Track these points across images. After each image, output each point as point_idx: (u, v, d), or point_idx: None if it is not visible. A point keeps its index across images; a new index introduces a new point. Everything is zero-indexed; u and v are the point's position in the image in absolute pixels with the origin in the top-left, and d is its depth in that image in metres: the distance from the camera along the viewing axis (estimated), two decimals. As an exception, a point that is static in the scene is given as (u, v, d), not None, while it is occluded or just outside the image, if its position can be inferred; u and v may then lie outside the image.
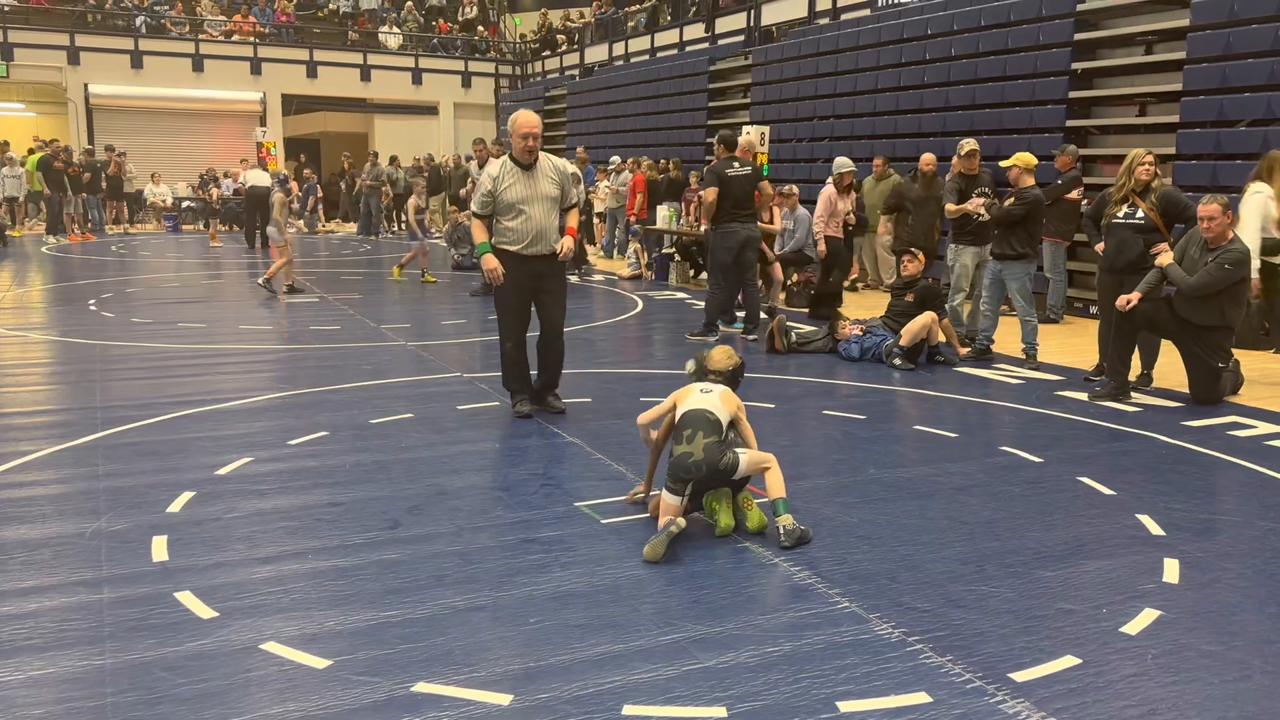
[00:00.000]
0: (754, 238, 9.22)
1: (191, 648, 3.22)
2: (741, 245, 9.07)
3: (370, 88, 29.44)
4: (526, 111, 6.14)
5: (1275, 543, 4.27)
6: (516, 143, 6.05)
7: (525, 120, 6.04)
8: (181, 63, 27.00)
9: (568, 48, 28.75)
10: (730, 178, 9.01)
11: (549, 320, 6.31)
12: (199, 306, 11.22)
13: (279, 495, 4.71)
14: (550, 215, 6.15)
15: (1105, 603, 3.65)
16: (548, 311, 6.30)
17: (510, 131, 6.09)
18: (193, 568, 3.85)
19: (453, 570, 3.84)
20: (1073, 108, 11.79)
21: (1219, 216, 6.58)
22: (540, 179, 6.10)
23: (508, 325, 6.28)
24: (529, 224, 6.06)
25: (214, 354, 8.37)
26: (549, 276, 6.23)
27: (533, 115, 6.13)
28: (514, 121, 6.07)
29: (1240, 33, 10.00)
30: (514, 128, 6.05)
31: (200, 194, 24.91)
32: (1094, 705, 2.93)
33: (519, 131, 6.02)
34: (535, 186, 6.08)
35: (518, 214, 6.05)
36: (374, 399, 6.71)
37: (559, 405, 6.39)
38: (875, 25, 15.24)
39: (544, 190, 6.10)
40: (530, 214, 6.05)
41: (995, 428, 6.26)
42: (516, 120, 6.06)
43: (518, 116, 6.06)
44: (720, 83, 19.24)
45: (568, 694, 2.95)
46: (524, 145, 6.03)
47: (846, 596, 3.67)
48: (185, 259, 17.24)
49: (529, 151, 6.05)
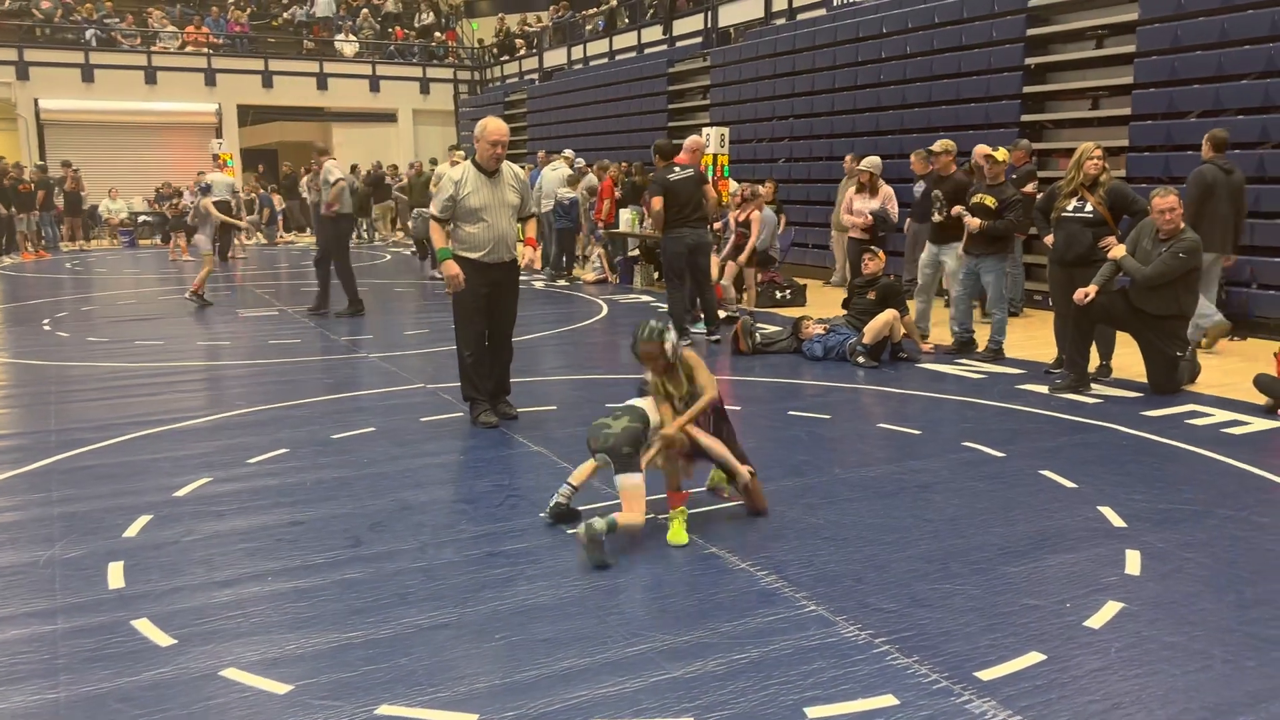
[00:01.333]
0: (704, 242, 9.21)
1: (149, 677, 3.15)
2: (691, 249, 9.06)
3: (327, 96, 29.17)
4: (496, 119, 6.07)
5: (1234, 531, 4.33)
6: (485, 149, 5.98)
7: (495, 127, 5.98)
8: (134, 75, 26.61)
9: (526, 52, 28.67)
10: (674, 183, 9.02)
11: (501, 327, 6.30)
12: (157, 324, 11.05)
13: (238, 516, 4.64)
14: (510, 223, 6.14)
15: (1069, 597, 3.67)
16: (500, 318, 6.28)
17: (478, 137, 6.01)
18: (150, 594, 3.78)
19: (416, 588, 3.80)
20: (1027, 103, 11.91)
21: (1178, 208, 6.67)
22: (502, 186, 6.08)
23: (466, 334, 6.24)
24: (490, 231, 6.04)
25: (172, 372, 8.24)
26: (505, 284, 6.23)
27: (502, 123, 6.08)
28: (483, 128, 5.98)
29: (1188, 25, 10.15)
30: (484, 134, 5.97)
31: (156, 208, 24.57)
32: (1059, 702, 2.95)
33: (489, 138, 5.95)
34: (497, 194, 6.05)
35: (478, 220, 6.02)
36: (335, 413, 6.64)
37: (512, 411, 6.38)
38: (831, 25, 15.31)
39: (506, 198, 6.09)
40: (491, 221, 6.03)
41: (958, 423, 6.30)
42: (486, 127, 5.98)
43: (487, 123, 6.00)
44: (679, 84, 19.26)
45: (535, 710, 2.92)
46: (493, 152, 5.98)
47: (813, 599, 3.67)
48: (143, 275, 17.00)
49: (497, 159, 6.01)
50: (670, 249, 9.13)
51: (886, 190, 9.71)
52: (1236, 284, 9.46)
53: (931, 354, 8.52)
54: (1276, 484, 4.99)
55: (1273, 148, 9.42)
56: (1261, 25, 9.51)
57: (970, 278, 8.36)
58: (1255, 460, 5.38)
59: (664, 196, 8.99)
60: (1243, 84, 9.63)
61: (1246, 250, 9.45)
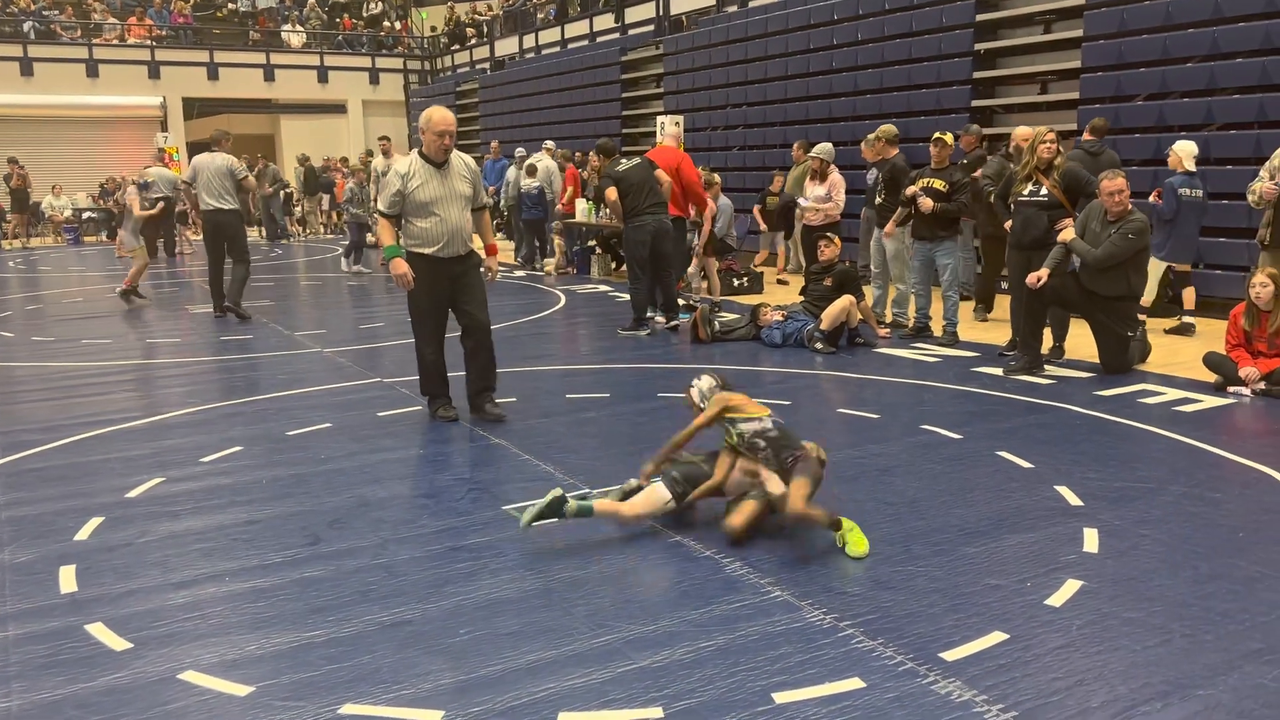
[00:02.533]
0: (665, 229, 9.18)
1: (105, 682, 3.08)
2: (653, 236, 9.04)
3: (275, 88, 28.75)
4: (441, 108, 5.87)
5: (1188, 507, 4.40)
6: (431, 140, 5.78)
7: (441, 117, 5.79)
8: (75, 69, 26.02)
9: (477, 41, 28.42)
10: (623, 173, 9.01)
11: (475, 322, 6.10)
12: (104, 322, 10.82)
13: (193, 516, 4.55)
14: (464, 215, 5.97)
15: (1029, 576, 3.71)
16: (472, 314, 6.10)
17: (423, 128, 5.82)
18: (104, 597, 3.70)
19: (378, 584, 3.75)
20: (977, 88, 12.03)
21: (1127, 190, 6.77)
22: (453, 177, 5.92)
23: (425, 333, 6.11)
24: (442, 225, 5.86)
25: (121, 371, 8.07)
26: (465, 277, 6.06)
27: (448, 112, 5.88)
28: (428, 118, 5.79)
29: (1134, 10, 10.29)
30: (429, 124, 5.77)
31: (101, 204, 24.06)
32: (1023, 680, 2.97)
33: (435, 129, 5.75)
34: (448, 185, 5.89)
35: (430, 215, 5.85)
36: (290, 409, 6.53)
37: (497, 411, 6.14)
38: (783, 12, 15.34)
39: (457, 189, 5.92)
40: (443, 215, 5.86)
41: (916, 406, 6.35)
42: (431, 117, 5.78)
43: (432, 114, 5.79)
44: (633, 73, 19.21)
45: (500, 705, 2.89)
46: (440, 143, 5.79)
47: (778, 585, 3.68)
48: (88, 273, 16.64)
49: (444, 150, 5.85)
50: (632, 238, 9.09)
51: (835, 178, 9.75)
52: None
53: (888, 338, 8.59)
54: (1227, 460, 5.09)
55: (1218, 129, 9.59)
56: (1205, 9, 9.67)
57: (925, 264, 8.43)
58: (1206, 437, 5.47)
59: (616, 186, 8.97)
60: (1188, 67, 9.79)
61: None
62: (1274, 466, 4.93)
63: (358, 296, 12.58)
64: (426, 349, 6.14)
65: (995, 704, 2.85)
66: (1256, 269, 6.62)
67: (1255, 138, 9.12)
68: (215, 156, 10.41)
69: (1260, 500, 4.49)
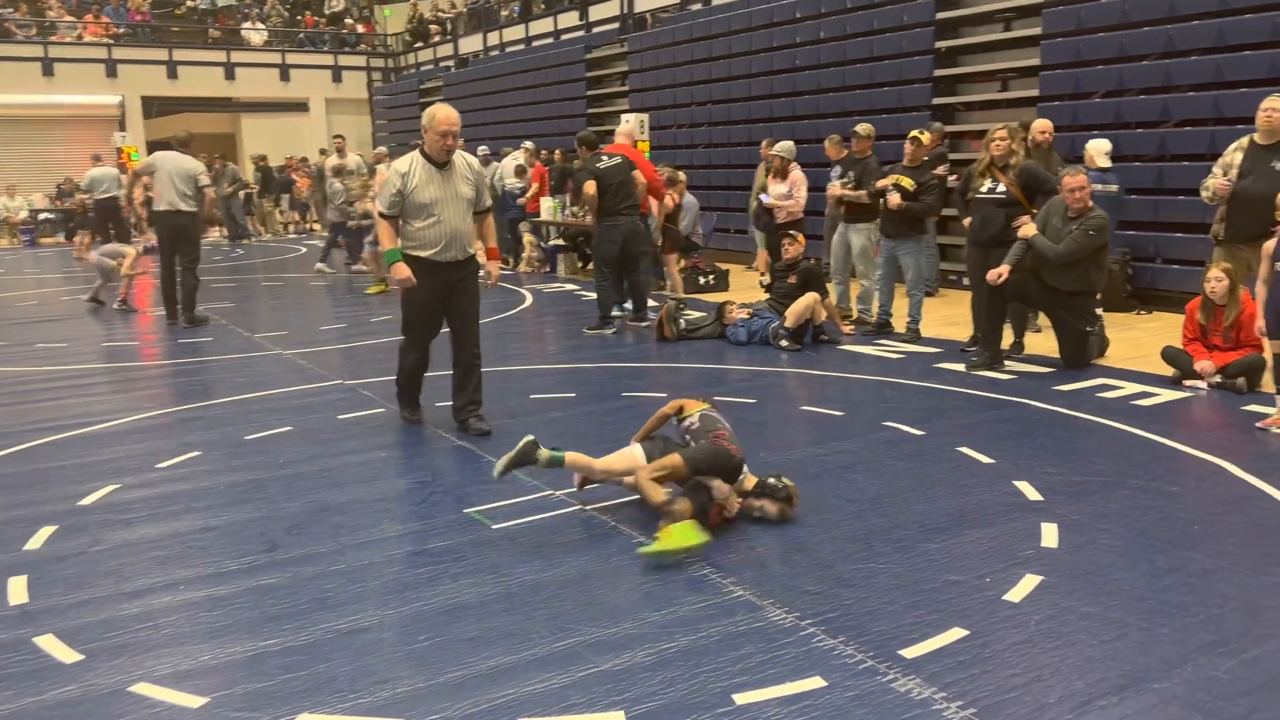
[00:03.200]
0: (638, 230, 9.18)
1: (54, 696, 3.02)
2: (625, 238, 9.03)
3: (236, 86, 28.39)
4: (445, 106, 5.59)
5: (1145, 501, 4.45)
6: (434, 139, 5.52)
7: (445, 116, 5.51)
8: (30, 67, 25.54)
9: (441, 39, 28.24)
10: (604, 170, 8.99)
11: (465, 336, 5.85)
12: (60, 325, 10.63)
13: (148, 523, 4.47)
14: (465, 218, 5.70)
15: (989, 572, 3.73)
16: (463, 325, 5.84)
17: (426, 127, 5.53)
18: (55, 608, 3.62)
19: (336, 591, 3.70)
20: (938, 85, 12.10)
21: (1088, 186, 6.83)
22: (455, 179, 5.65)
23: (414, 337, 5.90)
24: (441, 228, 5.59)
25: (76, 375, 7.93)
26: (462, 283, 5.80)
27: (452, 111, 5.60)
28: (431, 116, 5.51)
29: (1091, 8, 10.40)
30: (432, 123, 5.50)
31: (59, 204, 23.65)
32: (982, 676, 2.99)
33: (438, 128, 5.48)
34: (449, 187, 5.62)
35: (429, 216, 5.58)
36: (249, 413, 6.45)
37: (484, 426, 5.82)
38: (746, 10, 15.35)
39: (459, 191, 5.65)
40: (443, 217, 5.59)
41: (878, 403, 6.38)
42: (435, 115, 5.51)
43: (436, 111, 5.52)
44: (597, 70, 19.16)
45: (460, 712, 2.86)
46: (443, 144, 5.52)
47: (740, 584, 3.67)
48: (44, 274, 16.36)
49: (447, 150, 5.58)
50: (604, 237, 9.07)
51: (796, 175, 9.78)
52: (1142, 259, 9.75)
53: (852, 335, 8.62)
54: (1184, 453, 5.15)
55: (1174, 126, 9.71)
56: (1160, 8, 9.79)
57: (889, 261, 8.47)
58: (1164, 430, 5.54)
59: (596, 182, 8.94)
60: (1144, 64, 9.90)
61: (1152, 227, 9.74)
62: (1229, 459, 4.99)
63: (319, 298, 12.45)
64: (411, 353, 5.95)
65: (954, 701, 2.86)
66: (1211, 264, 6.71)
67: (1210, 134, 9.24)
68: (182, 158, 10.06)
69: (1215, 493, 4.55)
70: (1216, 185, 6.78)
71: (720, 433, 4.38)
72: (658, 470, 4.13)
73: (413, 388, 6.12)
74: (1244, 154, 6.76)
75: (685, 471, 4.17)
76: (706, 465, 4.20)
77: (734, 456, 4.28)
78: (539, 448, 4.27)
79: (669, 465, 4.15)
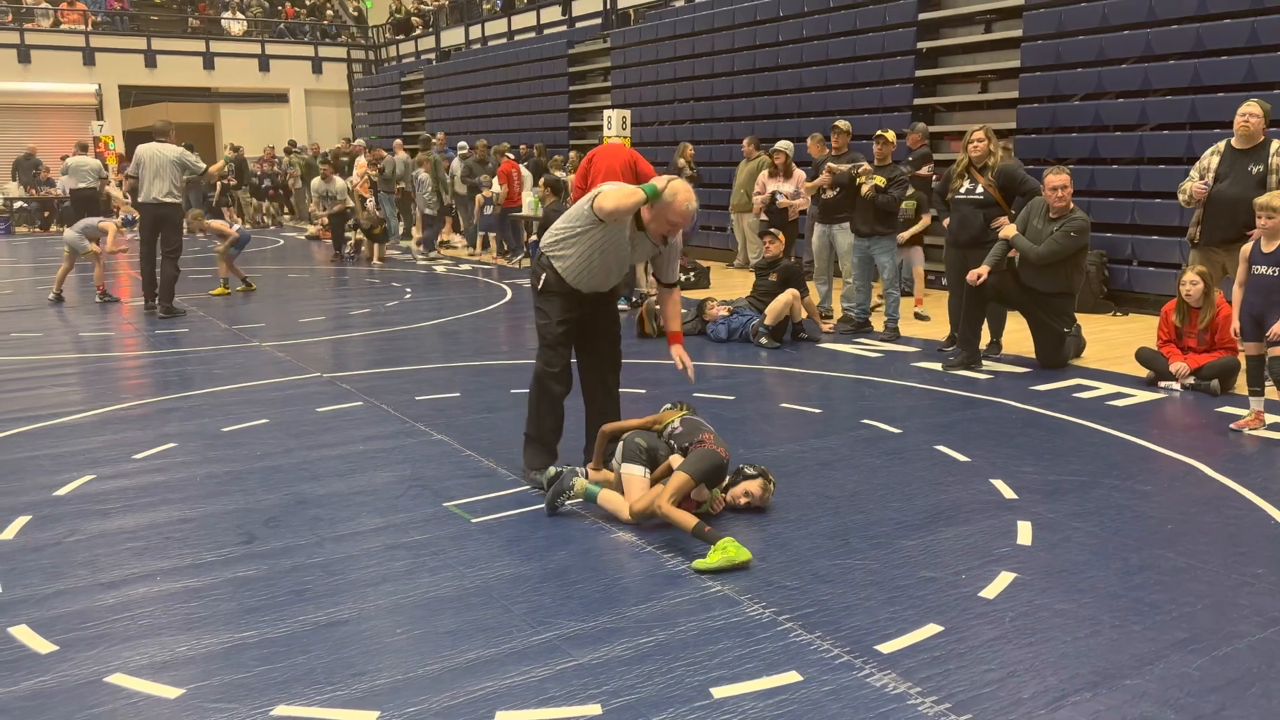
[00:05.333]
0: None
1: (28, 686, 2.99)
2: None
3: (215, 76, 28.17)
4: (689, 191, 4.50)
5: (1119, 500, 4.50)
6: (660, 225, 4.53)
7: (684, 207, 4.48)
8: (5, 54, 25.26)
9: (422, 31, 28.11)
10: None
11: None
12: (34, 314, 10.53)
13: (124, 514, 4.44)
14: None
15: (964, 569, 3.77)
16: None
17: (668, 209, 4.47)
18: (30, 599, 3.60)
19: (313, 584, 3.69)
20: (919, 86, 12.17)
21: (1070, 186, 6.88)
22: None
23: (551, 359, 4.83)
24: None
25: (51, 365, 7.86)
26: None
27: (694, 201, 4.53)
28: (672, 195, 4.44)
29: (1071, 11, 10.48)
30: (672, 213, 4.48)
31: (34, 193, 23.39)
32: (957, 672, 3.02)
33: (671, 217, 4.49)
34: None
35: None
36: (226, 405, 6.41)
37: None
38: (729, 7, 15.37)
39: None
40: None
41: (857, 401, 6.41)
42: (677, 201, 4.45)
43: (678, 192, 4.44)
44: (580, 66, 19.13)
45: (437, 705, 2.86)
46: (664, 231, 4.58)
47: (718, 580, 3.69)
48: (18, 264, 16.18)
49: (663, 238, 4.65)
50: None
51: (799, 174, 9.85)
52: (1118, 261, 9.84)
53: (832, 334, 8.66)
54: (1158, 453, 5.21)
55: (1151, 129, 9.81)
56: (1140, 10, 9.87)
57: (864, 260, 8.52)
58: (1138, 431, 5.60)
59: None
60: (1123, 68, 9.99)
61: (1129, 229, 9.84)
62: (1202, 460, 5.06)
63: (297, 289, 12.38)
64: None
65: (929, 695, 2.89)
66: (1187, 267, 6.78)
67: (1188, 138, 9.34)
68: (163, 147, 10.05)
69: (1188, 493, 4.61)
70: (1194, 189, 6.86)
71: (705, 436, 4.37)
72: (675, 496, 4.06)
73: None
74: (1220, 158, 6.84)
75: (692, 485, 4.13)
76: (706, 474, 4.18)
77: (724, 459, 4.28)
78: (576, 475, 4.40)
79: (682, 489, 4.09)
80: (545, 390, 4.77)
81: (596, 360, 4.93)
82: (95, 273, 11.36)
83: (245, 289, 11.86)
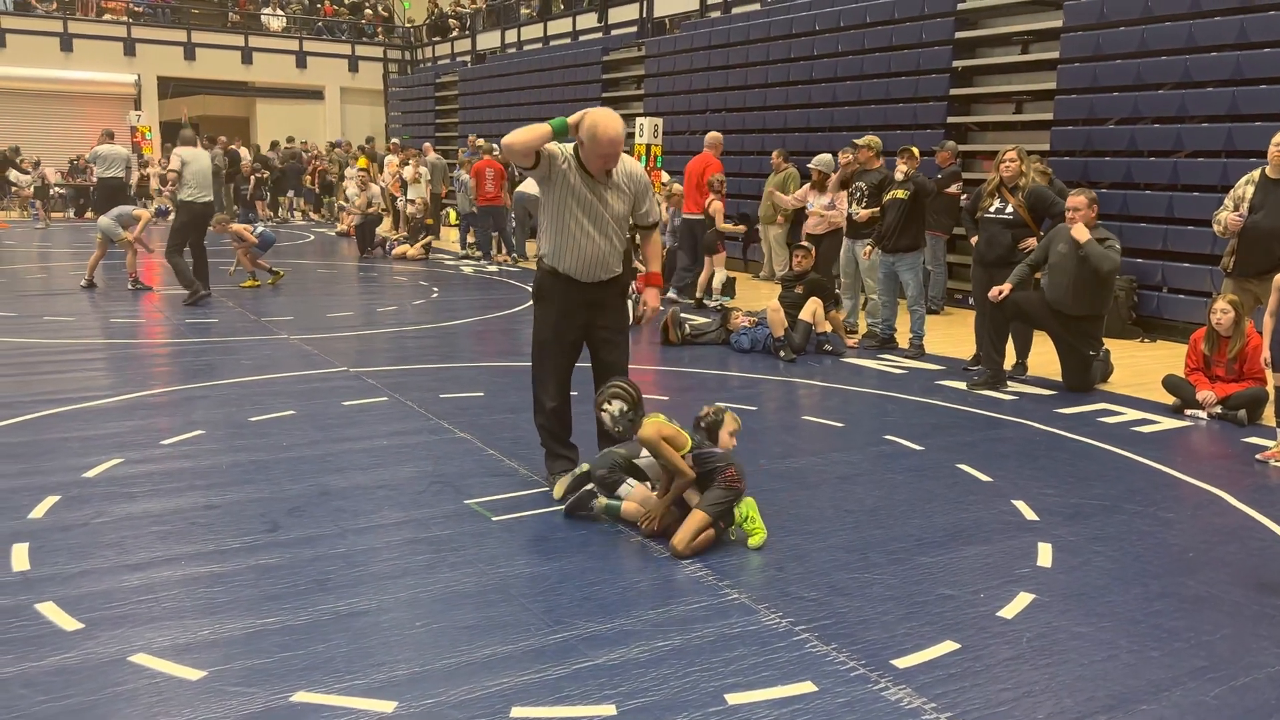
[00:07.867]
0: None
1: (54, 662, 3.05)
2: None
3: (252, 71, 28.49)
4: (608, 115, 4.39)
5: (1140, 526, 4.47)
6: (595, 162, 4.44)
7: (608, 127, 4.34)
8: (49, 42, 25.65)
9: (459, 33, 28.32)
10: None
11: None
12: (68, 299, 10.68)
13: (150, 498, 4.50)
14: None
15: (983, 588, 3.76)
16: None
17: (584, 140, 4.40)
18: (56, 577, 3.65)
19: (335, 574, 3.73)
20: (953, 105, 12.14)
21: (1084, 209, 6.83)
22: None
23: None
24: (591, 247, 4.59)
25: (82, 349, 7.97)
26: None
27: (616, 123, 4.36)
28: (591, 129, 4.33)
29: (1110, 35, 10.43)
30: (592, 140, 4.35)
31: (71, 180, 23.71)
32: (972, 690, 3.02)
33: (600, 150, 4.37)
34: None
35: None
36: (254, 395, 6.48)
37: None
38: (765, 20, 15.41)
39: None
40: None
41: (879, 417, 6.40)
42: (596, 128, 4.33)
43: (598, 123, 4.32)
44: (613, 73, 19.21)
45: (454, 698, 2.89)
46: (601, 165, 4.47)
47: (736, 588, 3.70)
48: (54, 249, 16.40)
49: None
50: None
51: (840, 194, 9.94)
52: (1148, 287, 9.78)
53: (856, 348, 8.65)
54: (1182, 481, 5.18)
55: (1186, 156, 9.75)
56: (1179, 37, 9.82)
57: (888, 276, 8.51)
58: (1162, 458, 5.57)
59: None
60: (1160, 93, 9.94)
61: (1160, 255, 9.78)
62: (1226, 489, 5.02)
63: (326, 284, 12.49)
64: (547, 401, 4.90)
65: (944, 712, 2.89)
66: (1219, 295, 6.73)
67: (1223, 165, 9.27)
68: (201, 152, 10.66)
69: (1211, 522, 4.58)
70: (1229, 219, 6.80)
71: (730, 471, 4.16)
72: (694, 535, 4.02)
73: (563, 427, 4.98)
74: (1255, 187, 6.78)
75: (709, 525, 4.08)
76: (722, 515, 4.14)
77: (742, 492, 4.21)
78: (596, 496, 4.39)
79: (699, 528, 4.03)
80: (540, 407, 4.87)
81: (603, 371, 4.85)
82: (128, 260, 11.49)
83: (275, 279, 11.97)
